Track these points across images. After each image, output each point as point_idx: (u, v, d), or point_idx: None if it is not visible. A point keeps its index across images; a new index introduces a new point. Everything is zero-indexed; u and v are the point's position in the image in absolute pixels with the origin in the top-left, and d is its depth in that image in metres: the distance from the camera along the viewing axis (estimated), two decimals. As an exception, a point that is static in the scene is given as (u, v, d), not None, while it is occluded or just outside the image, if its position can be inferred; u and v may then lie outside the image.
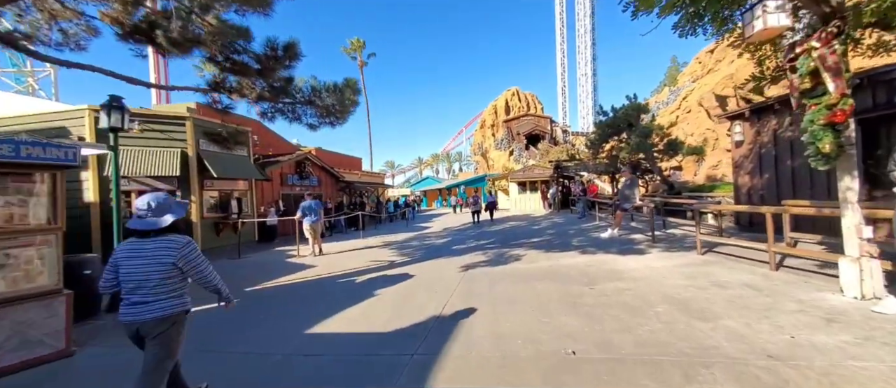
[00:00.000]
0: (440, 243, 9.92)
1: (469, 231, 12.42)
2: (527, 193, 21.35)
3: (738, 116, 7.59)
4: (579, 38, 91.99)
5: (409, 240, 10.98)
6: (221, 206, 10.19)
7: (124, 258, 1.92)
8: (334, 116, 6.82)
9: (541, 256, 6.71)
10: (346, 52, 34.11)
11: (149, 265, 1.89)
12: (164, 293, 1.91)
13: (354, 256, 8.33)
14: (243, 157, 10.84)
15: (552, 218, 14.81)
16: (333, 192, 17.70)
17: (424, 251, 8.47)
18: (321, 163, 16.81)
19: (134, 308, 1.88)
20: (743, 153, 7.61)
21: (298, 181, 15.21)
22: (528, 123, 43.72)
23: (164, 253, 1.91)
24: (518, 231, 11.14)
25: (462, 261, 6.78)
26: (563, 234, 9.60)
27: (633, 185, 7.65)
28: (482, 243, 8.98)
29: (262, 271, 6.89)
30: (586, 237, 8.53)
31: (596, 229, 9.95)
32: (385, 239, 11.54)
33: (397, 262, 7.21)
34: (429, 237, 11.49)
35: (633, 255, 6.03)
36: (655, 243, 6.79)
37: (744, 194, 7.62)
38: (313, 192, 15.93)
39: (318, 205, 8.63)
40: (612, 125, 13.61)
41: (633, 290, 4.06)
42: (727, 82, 15.75)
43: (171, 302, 1.93)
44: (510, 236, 10.16)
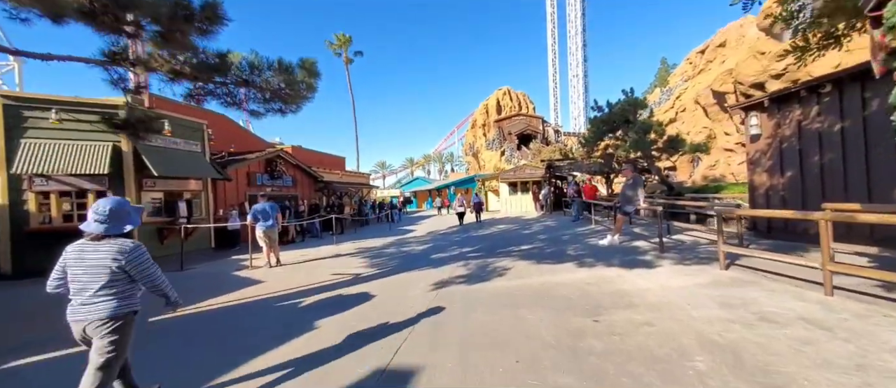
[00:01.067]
0: (419, 250, 8.80)
1: (454, 236, 11.33)
2: (518, 194, 20.37)
3: (755, 107, 6.67)
4: (570, 38, 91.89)
5: (386, 246, 9.84)
6: (167, 209, 8.90)
7: (73, 260, 1.95)
8: (283, 101, 5.65)
9: (531, 269, 5.64)
10: (331, 47, 32.77)
11: (96, 268, 1.92)
12: (111, 295, 1.95)
13: (316, 267, 7.15)
14: (195, 153, 9.56)
15: (544, 221, 13.81)
16: (311, 193, 16.44)
17: (399, 261, 7.34)
18: (297, 162, 15.55)
19: (82, 309, 1.92)
20: (759, 149, 6.68)
21: (269, 181, 13.92)
22: (520, 122, 42.96)
23: (112, 257, 1.93)
24: (507, 236, 10.08)
25: (438, 275, 5.67)
26: (557, 240, 8.57)
27: (637, 185, 6.64)
28: (465, 251, 7.89)
29: (198, 288, 5.68)
30: (583, 244, 7.51)
31: (592, 234, 8.95)
32: (360, 245, 10.37)
33: (363, 275, 6.07)
34: (409, 242, 10.36)
35: (641, 269, 5.00)
36: (664, 253, 5.79)
37: (761, 196, 6.69)
38: (286, 193, 14.67)
39: (274, 208, 7.42)
40: (607, 122, 12.67)
41: (655, 326, 3.00)
42: (726, 78, 15.03)
43: (118, 303, 1.96)
44: (498, 241, 9.09)
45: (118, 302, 1.96)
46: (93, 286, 1.92)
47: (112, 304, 1.94)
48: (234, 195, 12.27)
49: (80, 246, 1.97)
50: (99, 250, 1.94)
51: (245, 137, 15.97)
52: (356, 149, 33.56)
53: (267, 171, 13.81)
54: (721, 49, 35.47)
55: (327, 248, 10.14)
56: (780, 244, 5.87)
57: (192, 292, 5.21)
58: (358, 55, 33.73)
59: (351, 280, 5.75)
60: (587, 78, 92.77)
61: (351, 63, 33.50)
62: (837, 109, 5.46)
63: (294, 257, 8.70)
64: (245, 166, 12.83)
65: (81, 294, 1.93)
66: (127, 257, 1.95)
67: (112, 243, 1.97)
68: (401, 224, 18.71)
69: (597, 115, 12.78)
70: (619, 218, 6.99)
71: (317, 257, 8.57)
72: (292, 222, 11.62)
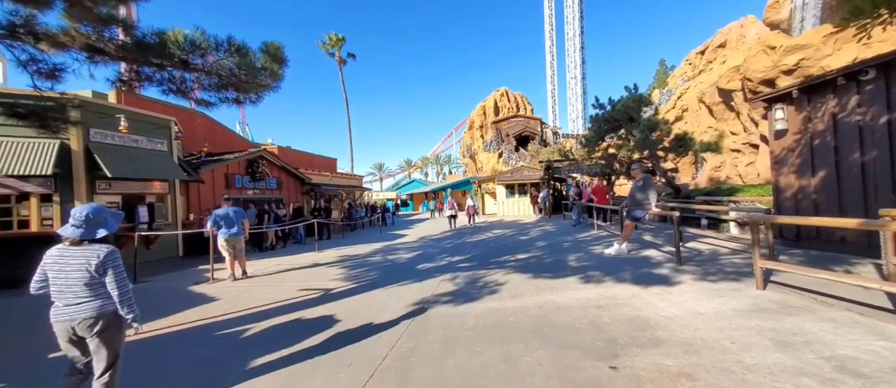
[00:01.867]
0: (406, 258, 7.97)
1: (446, 242, 10.51)
2: (515, 196, 19.59)
3: (781, 98, 5.90)
4: (568, 40, 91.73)
5: (371, 254, 9.01)
6: (126, 214, 8.03)
7: (52, 263, 2.02)
8: (238, 88, 4.84)
9: (528, 284, 4.82)
10: (323, 47, 32.00)
11: (75, 271, 1.99)
12: (94, 295, 2.02)
13: (285, 280, 6.32)
14: (160, 153, 8.72)
15: (543, 225, 13.02)
16: (298, 196, 15.60)
17: (380, 272, 6.51)
18: (282, 163, 14.71)
19: (66, 309, 1.99)
20: (786, 146, 5.91)
21: (250, 183, 13.08)
22: (518, 124, 42.35)
23: (88, 260, 2.00)
24: (502, 243, 9.27)
25: (420, 291, 4.85)
26: (557, 247, 7.76)
27: (647, 187, 5.85)
28: (456, 261, 7.08)
29: (140, 307, 4.84)
30: (586, 253, 6.71)
31: (596, 240, 8.15)
32: (343, 252, 9.53)
33: (334, 291, 5.24)
34: (397, 250, 9.53)
35: (659, 287, 4.20)
36: (683, 266, 4.99)
37: (788, 199, 5.91)
38: (271, 196, 13.83)
39: (240, 213, 6.60)
40: (609, 120, 11.92)
41: (698, 381, 2.19)
42: (733, 75, 14.35)
43: (102, 302, 2.04)
44: (492, 249, 8.28)
45: (102, 301, 2.04)
46: (75, 288, 1.99)
47: (97, 303, 2.02)
48: (211, 199, 11.42)
49: (59, 251, 2.04)
50: (77, 254, 2.02)
51: (229, 138, 15.15)
52: (350, 150, 32.78)
53: (248, 172, 12.97)
54: (721, 50, 34.96)
55: (307, 255, 9.30)
56: (815, 255, 5.08)
57: (127, 314, 4.37)
58: (351, 57, 32.96)
59: (318, 298, 4.92)
60: (585, 80, 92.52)
61: (344, 64, 32.74)
62: (883, 98, 4.69)
63: (267, 266, 7.86)
64: (223, 167, 11.99)
65: (64, 296, 2.00)
66: (101, 260, 2.02)
67: (89, 248, 2.04)
68: (393, 228, 17.89)
69: (598, 113, 12.03)
70: (627, 224, 6.19)
71: (292, 266, 7.73)
72: (271, 227, 10.77)
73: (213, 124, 14.43)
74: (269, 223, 10.71)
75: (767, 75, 12.44)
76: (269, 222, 10.75)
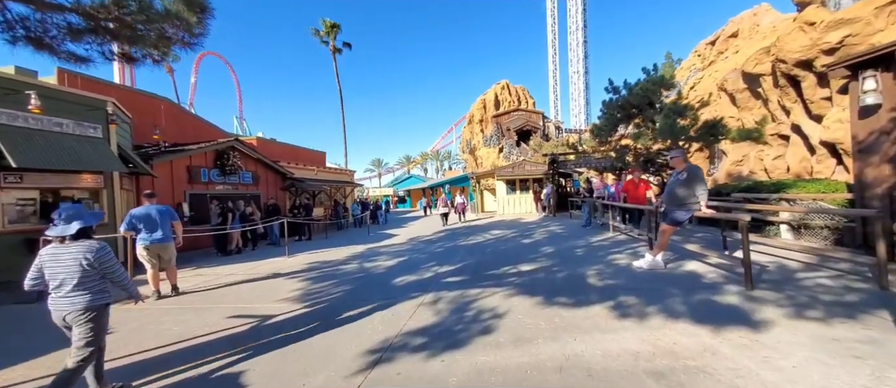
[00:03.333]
0: (385, 268, 6.56)
1: (436, 245, 9.09)
2: (517, 193, 18.15)
3: (874, 63, 4.44)
4: (571, 34, 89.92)
5: (347, 261, 7.60)
6: (44, 212, 6.62)
7: (47, 260, 2.25)
8: (129, 39, 3.39)
9: (537, 318, 3.40)
10: (317, 35, 30.36)
11: (69, 266, 2.21)
12: (86, 289, 2.24)
13: (222, 300, 4.90)
14: (92, 140, 7.28)
15: (548, 225, 11.59)
16: (277, 192, 14.17)
17: (347, 290, 5.10)
18: (258, 155, 13.26)
19: (61, 301, 2.22)
20: (878, 127, 4.46)
21: (219, 178, 11.65)
22: (520, 118, 40.84)
23: (81, 256, 2.22)
24: (502, 247, 7.84)
25: (386, 326, 3.44)
26: (569, 255, 6.33)
27: (695, 180, 4.40)
28: (443, 273, 5.66)
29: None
30: (609, 265, 5.28)
31: (615, 246, 6.72)
32: (316, 258, 8.12)
33: (271, 323, 3.83)
34: (379, 255, 8.12)
35: (741, 330, 2.78)
36: (756, 291, 3.56)
37: (876, 197, 4.47)
38: (245, 191, 12.41)
39: (168, 214, 5.19)
40: (624, 106, 10.45)
41: None
42: (761, 58, 12.86)
43: (92, 296, 2.26)
44: (489, 256, 6.86)
45: (92, 295, 2.26)
46: (70, 283, 2.20)
47: (87, 297, 2.24)
48: (169, 195, 10.00)
49: (53, 248, 2.26)
50: (70, 250, 2.24)
51: (200, 128, 13.68)
52: (344, 144, 31.22)
53: (217, 165, 11.54)
54: (733, 40, 33.27)
55: (272, 262, 7.90)
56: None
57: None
58: (346, 46, 31.35)
59: (244, 335, 3.51)
60: (588, 75, 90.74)
61: (339, 53, 31.15)
62: None
63: (215, 277, 6.45)
64: (184, 159, 10.55)
65: (60, 289, 2.22)
66: (94, 256, 2.25)
67: (81, 244, 2.26)
68: (385, 227, 16.49)
69: (611, 98, 10.55)
70: (664, 229, 4.75)
71: (246, 277, 6.32)
72: (236, 227, 9.35)
73: (181, 113, 12.99)
74: (233, 223, 9.29)
75: (805, 56, 10.92)
76: (234, 222, 9.33)
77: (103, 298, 2.32)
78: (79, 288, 2.22)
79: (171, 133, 12.10)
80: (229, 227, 9.13)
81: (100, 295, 2.30)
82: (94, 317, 2.25)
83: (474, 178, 20.80)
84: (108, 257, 2.32)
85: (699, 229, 8.11)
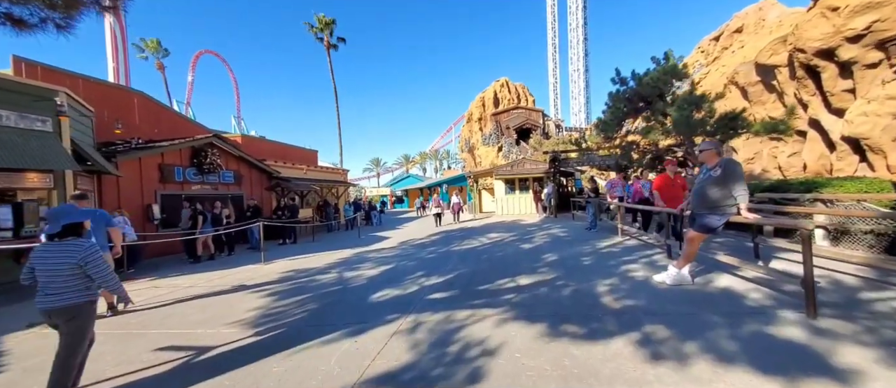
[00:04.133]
0: (366, 279, 5.76)
1: (428, 250, 8.29)
2: (516, 192, 17.36)
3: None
4: (571, 31, 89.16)
5: (327, 269, 6.82)
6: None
7: (38, 258, 2.29)
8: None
9: (542, 357, 2.60)
10: (311, 30, 29.54)
11: (57, 264, 2.26)
12: (71, 287, 2.27)
13: (163, 322, 4.10)
14: (39, 134, 6.47)
15: (549, 227, 10.80)
16: (262, 191, 13.37)
17: (314, 309, 4.31)
18: (241, 153, 12.46)
19: (47, 298, 2.26)
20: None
21: (196, 177, 10.85)
22: (519, 116, 40.06)
23: (69, 254, 2.27)
24: (499, 254, 7.04)
25: (349, 362, 2.66)
26: (576, 265, 5.53)
27: (732, 179, 3.59)
28: (430, 286, 4.86)
29: None
30: (625, 279, 4.48)
31: (627, 253, 5.93)
32: (294, 265, 7.34)
33: (205, 358, 3.04)
34: (363, 262, 7.32)
35: (825, 382, 1.98)
36: (822, 319, 2.77)
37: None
38: (225, 191, 11.62)
39: (102, 219, 4.38)
40: (632, 98, 9.65)
41: None
42: (777, 48, 12.07)
43: (77, 294, 2.29)
44: (484, 265, 6.06)
45: (77, 294, 2.28)
46: (56, 280, 2.24)
47: (71, 295, 2.26)
48: (137, 196, 9.21)
49: (43, 247, 2.34)
50: (57, 249, 2.29)
51: (177, 123, 12.85)
52: (339, 143, 30.43)
53: (193, 163, 10.74)
54: (738, 35, 32.44)
55: (244, 271, 7.10)
56: None
57: None
58: (341, 41, 30.52)
59: (152, 385, 2.72)
60: (588, 73, 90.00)
61: (334, 49, 30.32)
62: None
63: (171, 289, 5.65)
64: (155, 157, 9.75)
65: (47, 286, 2.26)
66: (81, 254, 2.27)
67: (69, 243, 2.30)
68: (377, 229, 15.70)
69: (618, 89, 9.74)
70: (692, 236, 3.94)
71: (205, 290, 5.52)
72: (206, 231, 8.55)
73: (158, 108, 12.17)
74: (204, 227, 8.49)
75: (826, 44, 10.14)
76: (205, 226, 8.53)
77: (89, 296, 2.36)
78: (65, 287, 2.25)
79: (145, 129, 11.30)
80: (198, 231, 8.32)
81: (85, 293, 2.33)
82: (80, 315, 2.31)
83: (472, 177, 20.00)
84: (94, 258, 2.32)
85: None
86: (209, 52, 67.36)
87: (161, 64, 34.37)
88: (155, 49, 34.53)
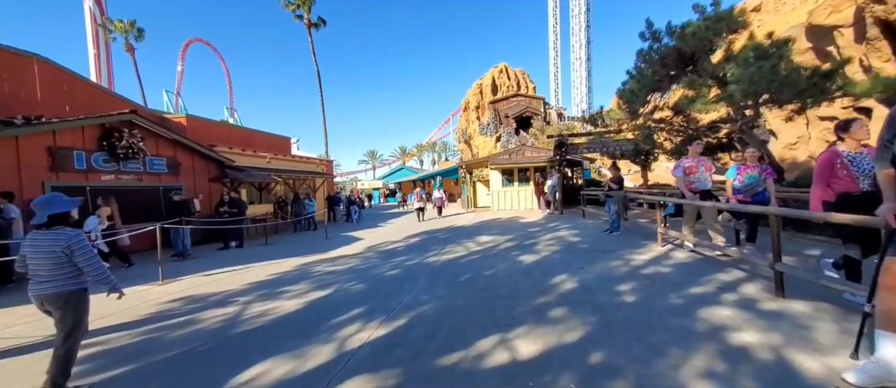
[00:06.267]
0: (273, 319, 3.51)
1: (394, 261, 6.02)
2: (515, 184, 15.09)
3: None
4: (573, 18, 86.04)
5: (233, 296, 4.59)
6: None
7: (27, 246, 2.32)
8: None
9: None
10: (288, 7, 26.94)
11: (44, 252, 2.26)
12: (60, 274, 2.29)
13: None
14: None
15: (556, 227, 8.56)
16: (207, 184, 11.08)
17: (173, 375, 2.07)
18: (175, 136, 10.14)
19: (37, 285, 2.29)
20: None
21: (108, 165, 8.56)
22: (519, 104, 37.58)
23: (55, 243, 2.26)
24: (488, 272, 4.77)
25: None
26: (612, 300, 3.28)
27: None
28: (357, 351, 2.62)
29: None
30: (732, 354, 2.24)
31: (688, 275, 3.68)
32: (189, 289, 5.08)
33: None
34: (298, 283, 5.08)
35: None
36: None
37: None
38: (155, 183, 9.36)
39: None
40: (664, 62, 7.31)
41: None
42: (839, 3, 9.70)
43: (66, 281, 2.30)
44: (461, 298, 3.80)
45: (66, 281, 2.30)
46: (45, 268, 2.26)
47: (61, 283, 2.28)
48: (15, 188, 6.92)
49: (33, 235, 2.34)
50: (45, 237, 2.29)
51: (97, 97, 10.41)
52: (324, 131, 27.96)
53: (104, 147, 8.43)
54: (755, 14, 29.88)
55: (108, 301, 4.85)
56: None
57: None
58: (321, 22, 27.91)
59: None
60: (590, 62, 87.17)
61: (315, 28, 27.74)
62: None
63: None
64: (43, 136, 7.43)
65: (38, 274, 2.29)
66: (67, 242, 2.26)
67: (55, 231, 2.30)
68: (353, 228, 13.43)
69: (650, 46, 7.41)
70: (892, 270, 1.72)
71: (13, 338, 3.29)
72: (95, 239, 6.26)
73: (69, 78, 9.77)
74: (94, 231, 6.22)
75: (918, -10, 7.78)
76: (94, 230, 6.25)
77: (79, 283, 2.35)
78: (53, 275, 2.26)
79: (52, 106, 8.95)
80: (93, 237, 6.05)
81: (74, 281, 2.32)
82: (70, 302, 2.30)
83: (463, 167, 17.69)
84: (80, 246, 2.31)
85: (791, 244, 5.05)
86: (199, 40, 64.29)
87: (130, 46, 31.70)
88: (125, 30, 31.80)
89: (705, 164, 4.94)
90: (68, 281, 2.29)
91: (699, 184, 4.86)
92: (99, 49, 50.71)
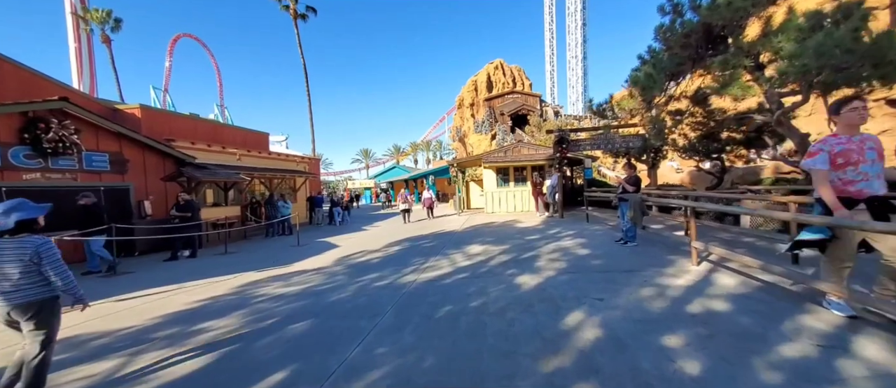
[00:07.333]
0: (199, 366, 2.29)
1: (363, 280, 4.79)
2: (510, 185, 13.93)
3: None
4: (569, 16, 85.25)
5: (156, 325, 3.34)
6: None
7: None
8: None
9: None
10: (274, -3, 25.49)
11: (10, 261, 2.11)
12: (29, 283, 2.15)
13: None
14: None
15: (559, 235, 7.40)
16: (166, 185, 9.75)
17: None
18: (121, 128, 8.80)
19: (2, 296, 2.13)
20: None
21: (33, 161, 7.26)
22: (514, 101, 36.47)
23: (21, 250, 2.13)
24: (474, 303, 3.56)
25: None
26: (664, 372, 2.12)
27: None
28: None
29: None
30: None
31: (764, 316, 2.50)
32: (115, 317, 3.79)
33: None
34: (227, 315, 3.83)
35: None
36: None
37: None
38: (95, 183, 8.05)
39: None
40: (686, 41, 6.16)
41: None
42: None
43: (35, 290, 2.17)
44: (434, 354, 2.59)
45: (36, 289, 2.17)
46: (12, 277, 2.11)
47: (30, 291, 2.15)
48: None
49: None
50: (11, 246, 2.15)
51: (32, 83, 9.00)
52: (310, 127, 26.56)
53: (28, 140, 7.10)
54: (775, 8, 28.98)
55: None
56: None
57: None
58: (311, 11, 26.53)
59: None
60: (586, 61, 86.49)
61: (302, 19, 26.34)
62: None
63: None
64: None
65: (3, 284, 2.12)
66: (34, 250, 2.14)
67: (21, 239, 2.17)
68: (335, 232, 12.15)
69: (672, 21, 6.26)
70: None
71: None
72: None
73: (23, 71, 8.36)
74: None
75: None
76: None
77: (48, 292, 2.23)
78: (21, 282, 2.15)
79: None
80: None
81: (44, 289, 2.22)
82: (39, 312, 2.19)
83: (455, 166, 16.48)
84: (49, 253, 2.20)
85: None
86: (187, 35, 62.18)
87: (107, 37, 30.06)
88: (101, 20, 30.10)
89: (875, 145, 2.51)
90: (40, 289, 2.19)
91: (864, 185, 2.46)
92: (80, 43, 48.67)
